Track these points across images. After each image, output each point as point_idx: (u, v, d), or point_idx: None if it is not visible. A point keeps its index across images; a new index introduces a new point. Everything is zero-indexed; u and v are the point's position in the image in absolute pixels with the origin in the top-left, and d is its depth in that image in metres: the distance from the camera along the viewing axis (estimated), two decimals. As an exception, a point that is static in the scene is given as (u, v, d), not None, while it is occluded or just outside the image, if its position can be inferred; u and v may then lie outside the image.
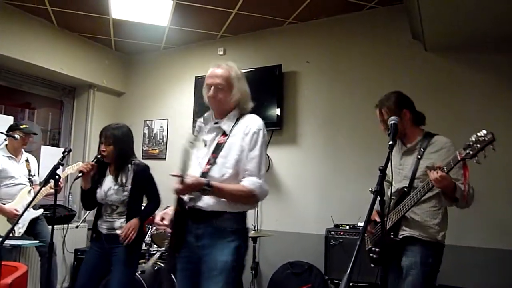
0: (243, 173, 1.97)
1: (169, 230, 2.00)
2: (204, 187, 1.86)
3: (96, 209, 2.87)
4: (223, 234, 1.95)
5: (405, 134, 2.38)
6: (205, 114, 2.17)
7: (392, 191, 2.40)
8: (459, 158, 1.96)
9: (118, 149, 2.76)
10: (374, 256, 2.40)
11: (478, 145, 1.88)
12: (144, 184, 2.83)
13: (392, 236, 2.29)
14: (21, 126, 3.77)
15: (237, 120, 2.07)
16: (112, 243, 2.70)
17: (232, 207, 1.96)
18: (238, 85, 2.05)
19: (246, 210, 2.05)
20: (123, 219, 2.73)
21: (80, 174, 2.71)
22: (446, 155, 2.15)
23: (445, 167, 2.01)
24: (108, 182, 2.79)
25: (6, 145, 3.76)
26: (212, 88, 2.02)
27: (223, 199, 1.93)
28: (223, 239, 1.94)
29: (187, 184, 1.84)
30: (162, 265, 3.56)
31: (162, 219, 2.02)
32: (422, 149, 2.29)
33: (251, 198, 1.97)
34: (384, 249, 2.31)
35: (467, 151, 1.92)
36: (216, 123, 2.08)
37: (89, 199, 2.83)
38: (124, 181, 2.75)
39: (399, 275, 2.29)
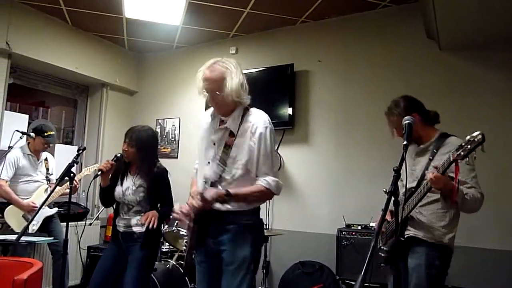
0: (256, 172, 2.01)
1: (185, 220, 2.04)
2: (224, 197, 1.91)
3: (115, 207, 2.90)
4: (240, 229, 2.00)
5: (419, 136, 2.35)
6: (212, 111, 2.18)
7: (403, 190, 2.34)
8: (451, 159, 1.95)
9: (141, 152, 2.76)
10: (383, 255, 2.40)
11: (469, 146, 1.86)
12: (160, 187, 2.82)
13: (398, 234, 2.25)
14: (45, 134, 3.76)
15: (243, 117, 2.08)
16: (129, 241, 2.73)
17: (248, 206, 2.03)
18: (232, 82, 2.01)
19: (260, 205, 2.13)
20: (139, 217, 2.74)
21: (99, 173, 2.75)
22: None
23: (440, 168, 2.00)
24: (128, 182, 2.81)
25: (29, 143, 3.83)
26: (209, 94, 2.06)
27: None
28: (240, 234, 2.00)
29: (207, 199, 1.89)
30: (173, 263, 3.58)
31: (180, 208, 2.05)
32: (434, 150, 2.26)
33: (268, 196, 2.05)
34: (393, 248, 2.30)
35: (459, 152, 1.90)
36: (222, 121, 2.11)
37: (107, 196, 2.86)
38: (142, 182, 2.77)
39: (405, 275, 2.27)
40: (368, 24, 4.14)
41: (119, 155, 2.81)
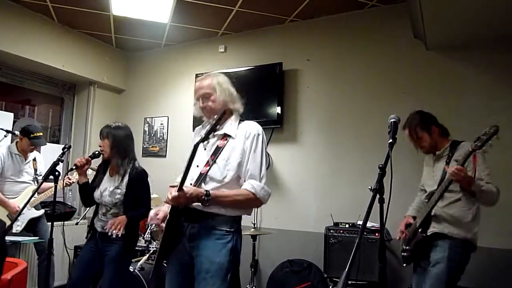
0: (244, 175, 1.99)
1: (163, 225, 1.99)
2: (203, 197, 1.85)
3: (95, 206, 2.88)
4: (218, 235, 1.95)
5: (436, 145, 2.62)
6: (204, 122, 2.23)
7: (425, 195, 2.64)
8: (470, 150, 2.20)
9: (114, 146, 2.74)
10: (405, 254, 2.57)
11: (485, 136, 2.14)
12: (138, 190, 2.78)
13: (420, 231, 2.48)
14: (31, 135, 3.68)
15: (238, 125, 2.11)
16: (105, 242, 2.71)
17: (229, 211, 1.97)
18: (221, 88, 2.10)
19: (242, 214, 2.07)
20: None
21: (74, 167, 2.73)
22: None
23: (461, 160, 2.26)
24: (105, 182, 2.80)
25: (17, 142, 3.77)
26: (201, 99, 2.10)
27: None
28: (218, 240, 1.94)
29: (185, 192, 1.82)
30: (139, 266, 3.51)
31: (156, 214, 2.02)
32: (450, 155, 2.53)
33: (254, 202, 1.98)
34: (415, 246, 2.51)
35: (476, 143, 2.18)
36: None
37: (85, 195, 2.84)
38: (119, 183, 2.74)
39: (424, 271, 2.47)
40: (356, 23, 4.16)
41: (96, 152, 2.80)
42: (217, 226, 1.95)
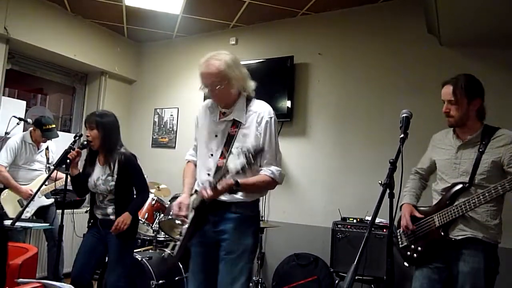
0: (260, 161, 2.02)
1: (187, 220, 2.03)
2: (233, 188, 1.89)
3: (90, 195, 2.94)
4: (242, 220, 2.03)
5: (464, 124, 2.19)
6: (211, 103, 2.19)
7: (443, 186, 2.20)
8: None
9: (101, 134, 2.77)
10: (415, 255, 2.22)
11: None
12: (130, 174, 2.83)
13: (442, 234, 2.11)
14: (44, 127, 3.75)
15: (246, 107, 2.08)
16: (107, 228, 2.76)
17: (250, 197, 2.05)
18: (234, 74, 2.02)
19: (259, 197, 2.17)
20: (113, 206, 2.79)
21: (68, 162, 2.78)
22: None
23: None
24: (97, 171, 2.84)
25: (31, 131, 3.83)
26: (209, 87, 2.04)
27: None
28: (242, 224, 2.03)
29: (219, 190, 1.88)
30: (168, 252, 3.57)
31: (179, 209, 2.04)
32: (483, 142, 2.10)
33: (272, 185, 2.06)
34: (428, 247, 2.17)
35: None
36: (224, 113, 2.10)
37: (78, 185, 2.89)
38: (110, 171, 2.78)
39: (439, 277, 2.14)
40: (369, 17, 4.12)
41: (85, 142, 2.83)
42: (240, 212, 2.03)
